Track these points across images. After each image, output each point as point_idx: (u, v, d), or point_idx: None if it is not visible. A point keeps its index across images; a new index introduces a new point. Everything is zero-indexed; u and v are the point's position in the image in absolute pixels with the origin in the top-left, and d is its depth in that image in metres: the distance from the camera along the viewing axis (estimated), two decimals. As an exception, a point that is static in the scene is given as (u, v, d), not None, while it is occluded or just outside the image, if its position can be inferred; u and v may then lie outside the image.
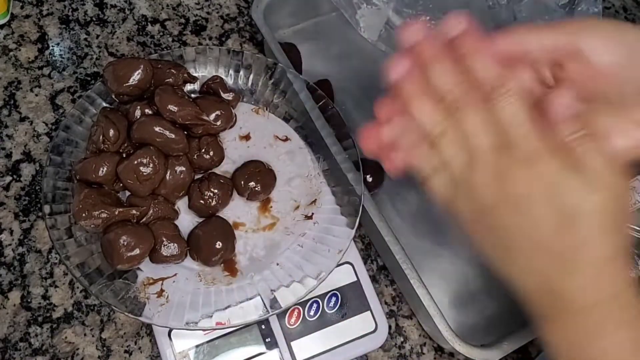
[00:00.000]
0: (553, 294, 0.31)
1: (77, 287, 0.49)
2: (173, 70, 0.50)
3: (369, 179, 0.53)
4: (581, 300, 0.30)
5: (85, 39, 0.59)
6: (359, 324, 0.49)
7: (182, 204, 0.49)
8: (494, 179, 0.30)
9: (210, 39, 0.62)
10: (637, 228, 0.54)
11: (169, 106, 0.46)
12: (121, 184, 0.46)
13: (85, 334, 0.48)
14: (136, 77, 0.47)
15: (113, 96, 0.49)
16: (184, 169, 0.47)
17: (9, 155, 0.53)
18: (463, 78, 0.31)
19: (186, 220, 0.48)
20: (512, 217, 0.30)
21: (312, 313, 0.48)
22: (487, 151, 0.30)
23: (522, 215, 0.30)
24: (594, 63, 0.32)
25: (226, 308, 0.44)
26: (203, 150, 0.48)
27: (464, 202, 0.32)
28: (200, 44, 0.61)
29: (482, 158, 0.30)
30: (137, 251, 0.43)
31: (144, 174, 0.45)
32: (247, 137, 0.53)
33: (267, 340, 0.47)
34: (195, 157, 0.48)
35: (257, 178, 0.49)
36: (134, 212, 0.45)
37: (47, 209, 0.45)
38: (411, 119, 0.33)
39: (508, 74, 0.30)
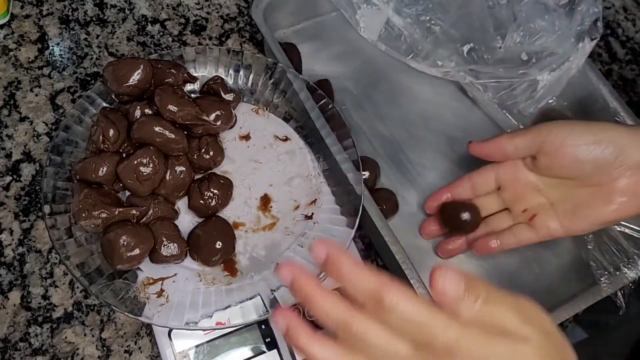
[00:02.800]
0: None
1: (77, 287, 0.49)
2: (173, 70, 0.50)
3: (365, 175, 0.53)
4: None
5: (85, 39, 0.59)
6: (359, 324, 0.49)
7: (182, 204, 0.49)
8: None
9: (210, 38, 0.62)
10: (637, 228, 0.54)
11: (169, 106, 0.46)
12: (121, 184, 0.46)
13: (85, 334, 0.48)
14: (136, 77, 0.47)
15: (113, 96, 0.49)
16: (183, 169, 0.47)
17: (9, 155, 0.53)
18: (346, 303, 0.30)
19: (186, 220, 0.48)
20: None
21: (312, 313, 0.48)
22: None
23: None
24: (561, 149, 0.44)
25: (226, 308, 0.44)
26: (203, 150, 0.48)
27: None
28: (200, 44, 0.61)
29: None
30: (137, 251, 0.43)
31: (144, 174, 0.45)
32: (247, 137, 0.53)
33: (267, 340, 0.47)
34: (195, 157, 0.48)
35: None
36: (134, 212, 0.45)
37: (47, 209, 0.45)
38: None
39: (384, 279, 0.30)
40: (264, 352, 0.47)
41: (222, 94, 0.51)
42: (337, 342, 0.31)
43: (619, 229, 0.54)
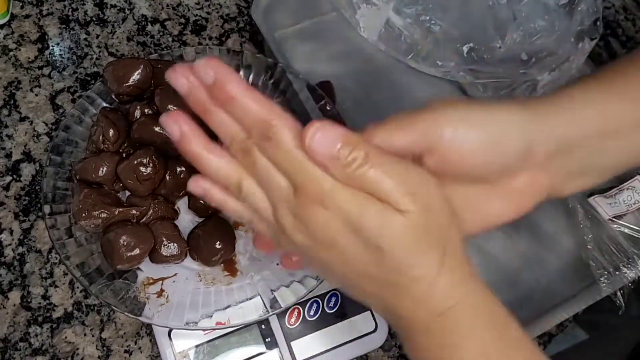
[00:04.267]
0: (393, 315, 0.31)
1: (77, 287, 0.49)
2: (173, 70, 0.49)
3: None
4: (419, 320, 0.30)
5: (85, 39, 0.59)
6: (359, 323, 0.49)
7: (182, 204, 0.49)
8: (299, 222, 0.29)
9: (210, 38, 0.62)
10: (637, 228, 0.54)
11: (169, 106, 0.46)
12: (121, 184, 0.46)
13: (85, 334, 0.48)
14: (136, 77, 0.47)
15: (113, 96, 0.49)
16: (183, 169, 0.47)
17: (9, 155, 0.53)
18: (236, 125, 0.29)
19: (186, 220, 0.48)
20: (329, 255, 0.30)
21: (312, 313, 0.48)
22: (283, 196, 0.29)
23: (336, 252, 0.29)
24: (456, 149, 0.31)
25: (226, 308, 0.44)
26: (203, 150, 0.48)
27: (286, 243, 0.31)
28: (200, 43, 0.61)
29: (282, 204, 0.29)
30: (137, 251, 0.43)
31: (144, 174, 0.45)
32: (247, 137, 0.53)
33: (267, 340, 0.47)
34: (195, 157, 0.48)
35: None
36: (133, 212, 0.45)
37: (47, 209, 0.45)
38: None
39: (276, 109, 0.28)
40: (264, 352, 0.47)
41: (222, 94, 0.51)
42: (227, 155, 0.30)
43: (618, 229, 0.54)
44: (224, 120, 0.30)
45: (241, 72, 0.54)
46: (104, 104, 0.50)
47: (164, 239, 0.45)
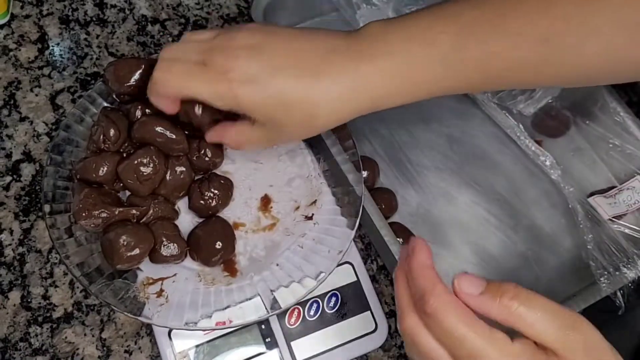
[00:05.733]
0: None
1: (77, 287, 0.49)
2: (173, 70, 0.49)
3: (364, 174, 0.53)
4: None
5: (85, 39, 0.59)
6: (359, 324, 0.49)
7: (182, 204, 0.49)
8: None
9: (210, 39, 0.62)
10: (637, 228, 0.54)
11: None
12: (121, 184, 0.46)
13: (85, 334, 0.48)
14: (137, 77, 0.47)
15: (114, 96, 0.49)
16: (184, 169, 0.47)
17: (9, 155, 0.53)
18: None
19: (186, 221, 0.48)
20: None
21: (312, 313, 0.48)
22: None
23: None
24: None
25: (226, 308, 0.44)
26: (203, 152, 0.48)
27: None
28: (200, 44, 0.61)
29: None
30: (137, 251, 0.43)
31: (144, 173, 0.45)
32: (247, 137, 0.53)
33: (267, 340, 0.47)
34: (195, 158, 0.48)
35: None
36: (134, 212, 0.45)
37: (47, 208, 0.45)
38: None
39: (438, 286, 0.30)
40: (264, 352, 0.47)
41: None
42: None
43: (618, 229, 0.54)
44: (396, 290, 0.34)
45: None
46: (105, 104, 0.50)
47: (164, 239, 0.45)
